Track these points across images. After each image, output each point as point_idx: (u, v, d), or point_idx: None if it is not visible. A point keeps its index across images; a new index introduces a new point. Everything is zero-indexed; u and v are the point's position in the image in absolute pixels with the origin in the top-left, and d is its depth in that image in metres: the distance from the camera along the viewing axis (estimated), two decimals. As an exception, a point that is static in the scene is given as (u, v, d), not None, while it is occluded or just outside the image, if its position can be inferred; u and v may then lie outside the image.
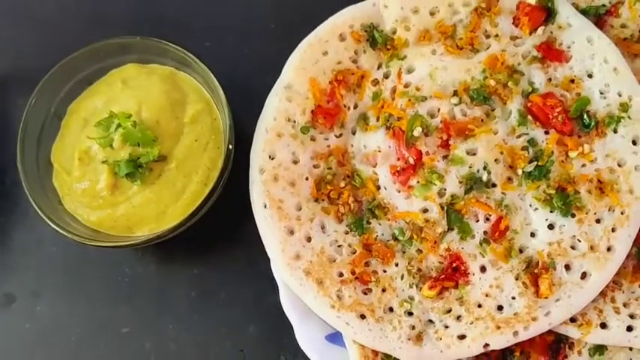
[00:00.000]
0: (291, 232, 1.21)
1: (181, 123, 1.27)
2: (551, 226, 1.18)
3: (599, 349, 1.15)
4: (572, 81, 1.20)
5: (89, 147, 1.26)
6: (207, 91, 1.31)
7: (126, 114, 1.24)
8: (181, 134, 1.26)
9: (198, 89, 1.31)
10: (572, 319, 1.15)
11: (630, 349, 1.15)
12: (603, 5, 1.24)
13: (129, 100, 1.26)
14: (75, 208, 1.29)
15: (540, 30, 1.22)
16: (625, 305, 1.15)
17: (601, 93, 1.19)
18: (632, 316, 1.13)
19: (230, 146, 1.24)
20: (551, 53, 1.22)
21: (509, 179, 1.19)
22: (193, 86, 1.31)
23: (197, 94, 1.30)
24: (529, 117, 1.19)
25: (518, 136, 1.20)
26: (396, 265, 1.20)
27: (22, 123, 1.27)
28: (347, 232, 1.21)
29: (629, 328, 1.13)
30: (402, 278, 1.18)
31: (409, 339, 1.15)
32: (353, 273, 1.19)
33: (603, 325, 1.14)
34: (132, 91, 1.28)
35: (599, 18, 1.23)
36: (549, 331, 1.16)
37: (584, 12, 1.23)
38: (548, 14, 1.23)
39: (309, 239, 1.20)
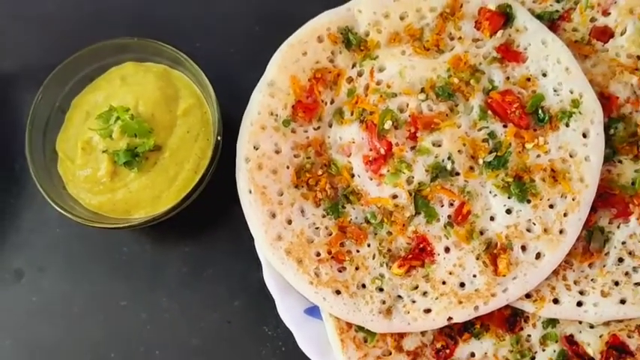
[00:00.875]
0: (274, 216, 1.21)
1: (174, 116, 1.27)
2: (509, 211, 1.19)
3: (552, 322, 1.17)
4: (529, 79, 1.21)
5: (91, 137, 1.25)
6: (198, 88, 1.30)
7: (124, 108, 1.23)
8: (174, 126, 1.26)
9: (190, 86, 1.30)
10: (528, 295, 1.17)
11: (580, 322, 1.16)
12: (557, 11, 1.25)
13: (127, 96, 1.26)
14: (78, 192, 1.28)
15: (500, 33, 1.22)
16: (575, 283, 1.17)
17: (554, 90, 1.19)
18: (581, 293, 1.16)
19: (219, 137, 1.24)
20: (509, 54, 1.22)
21: (471, 168, 1.21)
22: (185, 83, 1.30)
23: (189, 90, 1.30)
24: (489, 112, 1.21)
25: (480, 130, 1.21)
26: (368, 245, 1.21)
27: (29, 116, 1.26)
28: (324, 216, 1.22)
29: (579, 304, 1.15)
30: (373, 258, 1.20)
31: (380, 312, 1.17)
32: (329, 253, 1.20)
33: (556, 301, 1.16)
34: (130, 87, 1.27)
35: (552, 22, 1.24)
36: (507, 306, 1.18)
37: (539, 17, 1.24)
38: (506, 19, 1.23)
39: (289, 222, 1.21)
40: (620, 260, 1.18)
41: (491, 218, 1.20)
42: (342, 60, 1.26)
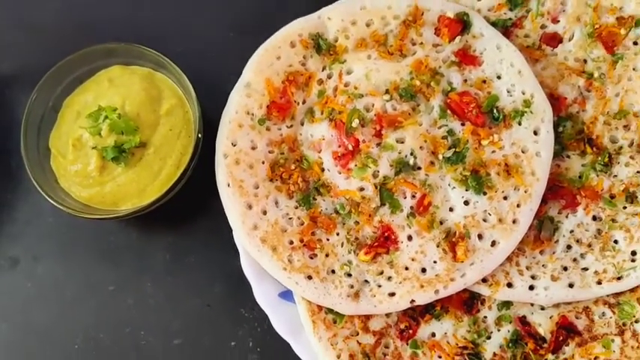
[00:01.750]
0: (250, 207, 1.21)
1: (158, 115, 1.27)
2: (466, 202, 1.20)
3: (506, 304, 1.19)
4: (484, 82, 1.22)
5: (81, 135, 1.25)
6: (180, 89, 1.30)
7: (112, 107, 1.23)
8: (158, 125, 1.27)
9: (173, 87, 1.31)
10: (484, 280, 1.19)
11: (532, 305, 1.20)
12: (510, 19, 1.26)
13: (114, 96, 1.26)
14: (69, 186, 1.28)
15: (458, 39, 1.23)
16: (528, 268, 1.20)
17: (508, 92, 1.21)
18: (533, 277, 1.19)
19: (199, 135, 1.24)
20: (466, 58, 1.23)
21: (432, 163, 1.21)
22: (168, 84, 1.31)
23: (171, 91, 1.30)
24: (448, 111, 1.22)
25: (439, 127, 1.22)
26: (337, 234, 1.22)
27: (24, 115, 1.26)
28: (296, 207, 1.23)
29: (531, 287, 1.18)
30: (342, 245, 1.21)
31: (348, 296, 1.18)
32: (301, 241, 1.21)
33: (509, 285, 1.19)
34: (117, 89, 1.27)
35: (506, 29, 1.27)
36: (465, 290, 1.20)
37: (494, 24, 1.26)
38: (464, 26, 1.24)
39: (264, 212, 1.21)
40: (569, 247, 1.21)
41: (451, 209, 1.21)
42: (313, 63, 1.27)
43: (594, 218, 1.23)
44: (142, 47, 1.28)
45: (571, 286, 1.19)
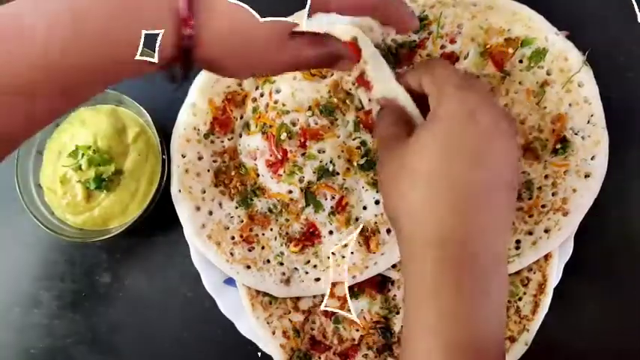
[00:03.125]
0: (198, 209, 1.36)
1: (126, 145, 1.40)
2: (377, 202, 1.35)
3: None
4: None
5: (66, 172, 1.39)
6: (140, 119, 1.42)
7: (86, 146, 1.37)
8: (127, 152, 1.40)
9: (134, 117, 1.43)
10: (393, 266, 1.36)
11: None
12: (414, 40, 1.38)
13: (87, 135, 1.39)
14: (64, 216, 1.42)
15: (355, 65, 1.23)
16: None
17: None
18: None
19: (163, 156, 1.37)
20: (363, 83, 1.25)
21: (348, 169, 1.36)
22: (130, 116, 1.43)
23: (133, 122, 1.43)
24: (360, 125, 1.37)
25: (354, 139, 1.36)
26: (271, 230, 1.37)
27: (16, 162, 1.40)
28: (237, 207, 1.37)
29: None
30: (275, 239, 1.37)
31: (281, 281, 1.36)
32: (241, 237, 1.36)
33: None
34: (88, 128, 1.40)
35: (411, 50, 1.38)
36: (378, 274, 1.37)
37: (401, 45, 1.37)
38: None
39: (210, 213, 1.37)
40: None
41: (364, 208, 1.37)
42: (248, 84, 1.41)
43: (486, 213, 1.36)
44: (104, 91, 1.40)
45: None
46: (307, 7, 0.98)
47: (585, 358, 1.46)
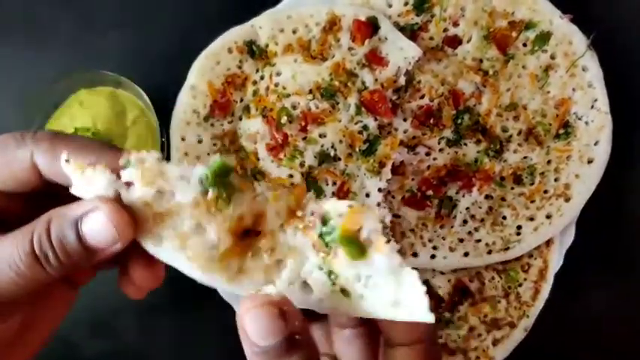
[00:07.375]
0: None
1: (125, 127, 1.39)
2: (379, 190, 1.35)
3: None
4: (395, 81, 1.35)
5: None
6: (140, 101, 1.40)
7: (86, 128, 1.36)
8: (127, 135, 1.39)
9: (133, 101, 1.41)
10: None
11: (433, 270, 1.37)
12: (416, 23, 1.37)
13: (86, 117, 1.38)
14: None
15: (367, 42, 1.34)
16: (430, 240, 1.35)
17: None
18: (434, 248, 1.34)
19: (163, 139, 1.36)
20: (375, 59, 1.35)
21: (350, 155, 1.35)
22: (129, 99, 1.41)
23: (133, 105, 1.41)
24: (363, 108, 1.35)
25: (356, 123, 1.35)
26: None
27: None
28: None
29: (432, 256, 1.34)
30: None
31: None
32: None
33: (415, 254, 1.34)
34: (86, 110, 1.39)
35: (413, 32, 1.37)
36: None
37: (402, 28, 1.37)
38: (373, 29, 1.35)
39: None
40: (465, 222, 1.36)
41: (367, 195, 1.36)
42: (248, 67, 1.39)
43: (487, 197, 1.37)
44: (103, 72, 1.39)
45: (466, 255, 1.35)
46: None
47: (586, 346, 1.45)
